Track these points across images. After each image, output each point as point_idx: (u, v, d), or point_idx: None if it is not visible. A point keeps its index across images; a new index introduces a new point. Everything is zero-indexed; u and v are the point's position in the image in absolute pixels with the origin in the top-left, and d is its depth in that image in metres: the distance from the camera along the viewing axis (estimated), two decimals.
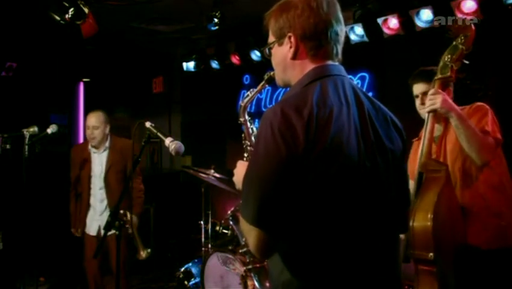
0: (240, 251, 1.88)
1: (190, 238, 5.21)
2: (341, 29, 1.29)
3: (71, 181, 3.70)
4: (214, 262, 3.45)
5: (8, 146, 3.12)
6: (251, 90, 1.78)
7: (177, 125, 6.88)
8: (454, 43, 2.10)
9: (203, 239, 3.87)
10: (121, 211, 3.44)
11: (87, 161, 3.64)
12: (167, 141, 2.29)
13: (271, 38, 1.35)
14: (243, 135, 1.79)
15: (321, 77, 1.24)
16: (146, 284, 4.82)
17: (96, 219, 3.62)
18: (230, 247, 3.46)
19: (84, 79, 6.49)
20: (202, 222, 3.89)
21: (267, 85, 1.70)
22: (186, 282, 3.90)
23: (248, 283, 3.11)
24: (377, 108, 1.31)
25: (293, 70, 1.31)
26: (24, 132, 3.18)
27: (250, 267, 3.00)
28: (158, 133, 2.34)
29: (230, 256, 3.32)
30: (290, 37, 1.27)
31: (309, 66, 1.28)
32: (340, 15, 1.29)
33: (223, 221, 3.78)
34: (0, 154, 3.14)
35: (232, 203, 5.82)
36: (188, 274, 3.94)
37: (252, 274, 2.72)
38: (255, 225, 1.12)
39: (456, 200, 2.09)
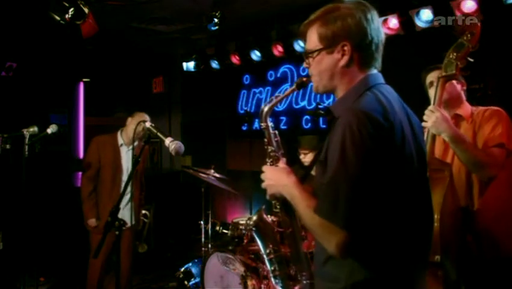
0: (267, 258, 1.86)
1: (190, 238, 5.21)
2: (384, 39, 1.35)
3: (88, 172, 3.67)
4: (214, 262, 3.45)
5: (8, 146, 3.12)
6: (276, 94, 1.72)
7: (178, 125, 6.89)
8: (460, 40, 2.08)
9: (203, 239, 3.87)
10: (144, 212, 3.60)
11: (117, 156, 3.69)
12: (167, 141, 2.29)
13: (314, 45, 1.34)
14: (265, 140, 1.73)
15: (374, 85, 1.30)
16: (146, 284, 4.82)
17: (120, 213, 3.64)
18: (230, 247, 3.46)
19: (84, 79, 6.49)
20: (202, 222, 3.89)
21: (296, 90, 1.66)
22: (186, 282, 3.90)
23: (248, 283, 3.11)
24: (412, 113, 1.38)
25: (342, 78, 1.33)
26: (25, 132, 3.18)
27: (277, 273, 2.96)
28: (158, 133, 2.34)
29: (230, 256, 3.32)
30: (343, 45, 1.29)
31: (358, 75, 1.32)
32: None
33: (244, 231, 3.68)
34: (0, 154, 3.14)
35: (232, 203, 5.85)
36: (188, 274, 3.94)
37: (277, 281, 2.68)
38: (346, 227, 1.14)
39: (458, 199, 2.07)
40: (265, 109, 1.70)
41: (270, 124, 1.74)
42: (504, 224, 2.10)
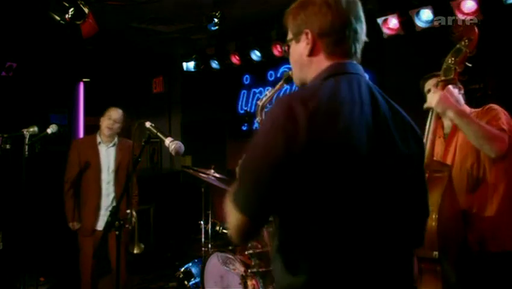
0: (246, 253, 1.85)
1: (190, 238, 5.21)
2: (361, 27, 1.27)
3: (69, 175, 3.70)
4: (214, 262, 3.45)
5: (8, 146, 3.12)
6: (269, 89, 1.80)
7: (178, 125, 6.88)
8: (458, 45, 2.11)
9: (203, 239, 3.87)
10: (128, 211, 3.61)
11: (95, 155, 3.69)
12: (167, 141, 2.29)
13: (289, 36, 1.34)
14: None
15: (336, 74, 1.21)
16: (146, 284, 4.82)
17: (103, 214, 3.66)
18: (230, 247, 3.45)
19: (84, 79, 6.49)
20: (202, 222, 3.89)
21: (285, 85, 1.71)
22: (186, 282, 3.90)
23: (248, 283, 3.11)
24: (396, 111, 1.26)
25: (309, 67, 1.28)
26: (25, 132, 3.18)
27: (255, 270, 2.96)
28: (158, 133, 2.34)
29: (230, 256, 3.32)
30: (306, 34, 1.25)
31: (325, 64, 1.25)
32: (361, 14, 1.27)
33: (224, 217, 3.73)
34: (0, 154, 3.14)
35: None
36: (188, 274, 3.94)
37: (257, 278, 2.69)
38: (244, 214, 1.12)
39: (457, 201, 2.09)
40: (261, 104, 1.79)
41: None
42: (506, 221, 2.11)
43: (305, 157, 1.07)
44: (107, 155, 3.74)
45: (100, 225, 3.65)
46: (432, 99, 2.08)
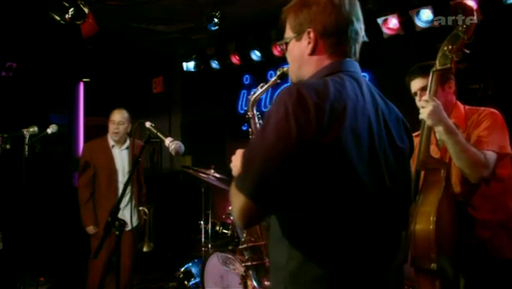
0: (240, 247, 1.86)
1: (190, 238, 5.21)
2: (361, 27, 1.29)
3: (84, 180, 3.67)
4: (214, 262, 3.45)
5: (8, 146, 3.12)
6: (261, 84, 1.78)
7: (178, 125, 6.88)
8: (454, 31, 1.99)
9: (203, 239, 3.88)
10: (141, 208, 3.70)
11: (110, 158, 3.69)
12: (167, 141, 2.29)
13: (288, 33, 1.34)
14: (250, 130, 1.79)
15: (337, 72, 1.24)
16: (146, 284, 4.82)
17: (120, 214, 3.64)
18: (230, 247, 3.46)
19: (84, 79, 6.50)
20: (202, 222, 3.90)
21: (278, 81, 1.71)
22: (186, 282, 3.91)
23: (248, 283, 3.11)
24: (390, 108, 1.32)
25: (309, 66, 1.30)
26: (25, 132, 3.18)
27: (249, 264, 2.97)
28: (158, 133, 2.33)
29: (230, 256, 3.33)
30: (309, 33, 1.27)
31: (325, 62, 1.28)
32: (360, 14, 1.29)
33: (223, 216, 3.75)
34: (0, 154, 3.14)
35: None
36: (188, 274, 3.94)
37: (250, 272, 2.70)
38: (251, 199, 1.10)
39: (453, 199, 2.02)
40: (252, 99, 1.82)
41: (256, 113, 1.83)
42: (506, 227, 2.07)
43: (313, 149, 1.09)
44: (121, 158, 3.74)
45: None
46: (424, 110, 1.96)
